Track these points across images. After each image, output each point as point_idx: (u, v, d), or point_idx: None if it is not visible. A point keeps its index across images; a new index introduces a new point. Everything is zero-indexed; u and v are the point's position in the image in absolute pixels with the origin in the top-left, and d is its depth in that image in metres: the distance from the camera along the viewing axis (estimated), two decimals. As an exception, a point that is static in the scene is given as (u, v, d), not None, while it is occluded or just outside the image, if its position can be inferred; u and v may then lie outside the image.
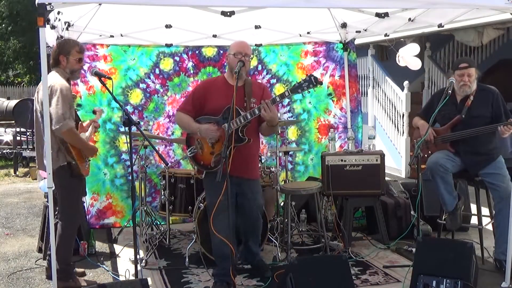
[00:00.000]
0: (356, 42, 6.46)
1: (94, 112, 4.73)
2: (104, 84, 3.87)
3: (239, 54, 3.93)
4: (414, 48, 5.73)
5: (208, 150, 4.01)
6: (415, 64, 5.78)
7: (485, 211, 4.65)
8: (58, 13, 4.33)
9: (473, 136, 4.40)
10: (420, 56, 10.40)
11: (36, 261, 4.81)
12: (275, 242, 4.86)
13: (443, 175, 4.46)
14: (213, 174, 3.79)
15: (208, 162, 4.00)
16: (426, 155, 4.67)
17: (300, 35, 6.10)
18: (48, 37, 4.44)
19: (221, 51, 6.15)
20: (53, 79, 3.91)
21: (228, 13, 4.31)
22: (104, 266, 4.66)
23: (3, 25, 17.21)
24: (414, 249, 4.45)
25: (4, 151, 9.96)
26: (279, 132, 5.03)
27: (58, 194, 4.02)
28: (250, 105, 3.93)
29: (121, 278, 4.34)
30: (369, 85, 10.31)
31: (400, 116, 9.09)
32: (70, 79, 4.10)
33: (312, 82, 3.65)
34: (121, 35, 5.64)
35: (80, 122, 4.25)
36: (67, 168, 3.96)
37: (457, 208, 4.56)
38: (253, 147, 4.09)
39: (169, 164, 5.41)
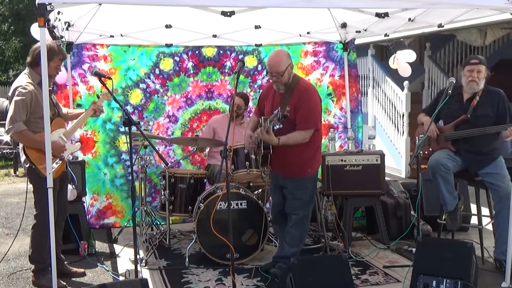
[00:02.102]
0: (356, 42, 6.45)
1: (97, 96, 4.53)
2: (104, 84, 3.86)
3: (270, 74, 4.14)
4: (411, 55, 5.74)
5: (256, 151, 4.41)
6: (404, 71, 5.79)
7: (485, 211, 4.65)
8: (58, 13, 4.33)
9: (476, 136, 4.40)
10: (420, 56, 10.42)
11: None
12: (275, 242, 4.87)
13: (444, 175, 4.46)
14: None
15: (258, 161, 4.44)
16: (426, 152, 4.66)
17: (300, 35, 6.10)
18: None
19: (221, 51, 6.15)
20: (19, 81, 4.03)
21: (228, 13, 4.31)
22: (104, 266, 4.66)
23: (6, 24, 17.17)
24: (414, 249, 4.45)
25: (4, 151, 9.96)
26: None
27: (33, 192, 4.08)
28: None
29: (121, 278, 4.34)
30: (369, 85, 10.32)
31: (400, 116, 9.09)
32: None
33: (278, 117, 3.70)
34: (121, 35, 5.64)
35: (56, 119, 4.14)
36: (33, 170, 3.99)
37: (457, 208, 4.57)
38: (293, 148, 4.09)
39: (169, 164, 5.41)
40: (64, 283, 4.18)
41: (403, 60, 5.75)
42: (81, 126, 4.63)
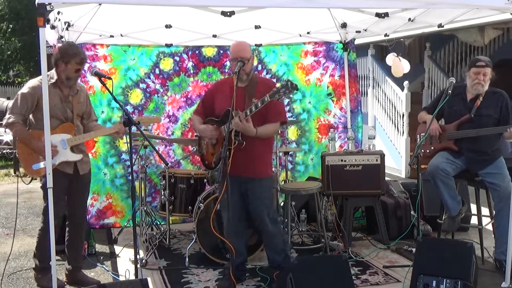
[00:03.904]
0: (356, 42, 6.45)
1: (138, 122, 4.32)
2: (104, 84, 3.85)
3: (235, 61, 3.94)
4: (405, 64, 5.73)
5: (210, 151, 4.12)
6: (397, 70, 5.79)
7: (485, 211, 4.65)
8: (58, 13, 4.32)
9: (479, 136, 4.39)
10: (420, 56, 10.40)
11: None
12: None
13: (444, 179, 4.46)
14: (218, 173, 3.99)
15: (210, 162, 4.12)
16: (428, 151, 4.66)
17: (300, 35, 6.10)
18: (48, 36, 4.44)
19: (221, 51, 6.15)
20: (34, 79, 4.09)
21: (228, 13, 4.31)
22: (104, 266, 4.66)
23: (5, 23, 17.15)
24: (414, 249, 4.45)
25: (4, 151, 9.96)
26: (279, 132, 5.03)
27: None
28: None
29: (121, 278, 4.34)
30: (369, 85, 10.31)
31: (400, 116, 9.08)
32: (64, 84, 4.05)
33: (288, 87, 3.63)
34: (121, 35, 5.64)
35: (66, 123, 4.06)
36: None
37: (459, 213, 4.57)
38: (257, 146, 3.96)
39: (169, 164, 5.41)
40: (64, 281, 4.19)
41: (401, 61, 5.75)
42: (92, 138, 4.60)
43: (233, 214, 3.97)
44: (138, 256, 3.78)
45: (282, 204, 5.42)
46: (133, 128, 3.95)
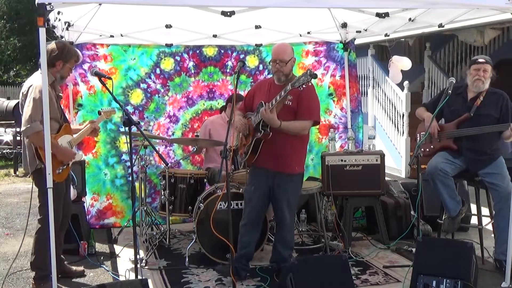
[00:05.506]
0: (356, 42, 6.46)
1: (99, 113, 4.59)
2: (104, 84, 3.85)
3: (274, 62, 4.11)
4: (407, 63, 5.73)
5: (243, 142, 4.29)
6: (395, 77, 5.79)
7: (485, 211, 4.65)
8: (58, 13, 4.33)
9: (478, 135, 4.40)
10: (420, 56, 10.39)
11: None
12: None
13: (443, 179, 4.46)
14: (251, 164, 4.27)
15: (242, 153, 4.30)
16: (428, 150, 4.66)
17: (301, 35, 6.10)
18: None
19: (222, 51, 6.15)
20: (34, 79, 3.93)
21: (228, 13, 4.31)
22: (104, 266, 4.66)
23: (2, 21, 17.12)
24: (414, 249, 4.45)
25: (4, 151, 9.97)
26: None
27: (38, 196, 4.00)
28: (285, 103, 4.04)
29: (121, 278, 4.34)
30: (369, 85, 10.32)
31: (400, 116, 9.09)
32: (56, 83, 4.06)
33: (307, 75, 3.77)
34: (121, 35, 5.64)
35: (65, 124, 4.08)
36: (43, 172, 3.83)
37: (459, 214, 4.57)
38: (288, 141, 4.08)
39: (169, 164, 5.41)
40: None
41: (398, 65, 5.75)
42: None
43: (256, 205, 4.22)
44: (138, 256, 3.78)
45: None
46: (134, 128, 3.96)
